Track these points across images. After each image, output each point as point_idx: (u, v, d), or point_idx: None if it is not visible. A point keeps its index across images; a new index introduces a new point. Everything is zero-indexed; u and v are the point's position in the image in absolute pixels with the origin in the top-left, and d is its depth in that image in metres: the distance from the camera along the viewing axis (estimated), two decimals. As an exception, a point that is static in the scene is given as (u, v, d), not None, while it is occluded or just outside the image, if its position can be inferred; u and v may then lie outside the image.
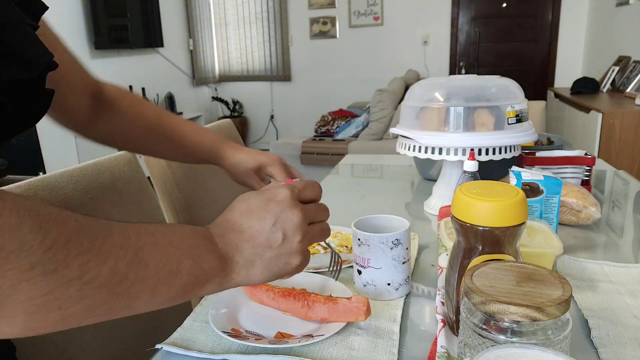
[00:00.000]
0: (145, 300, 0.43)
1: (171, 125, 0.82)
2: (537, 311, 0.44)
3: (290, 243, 0.51)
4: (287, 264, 0.51)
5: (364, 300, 0.66)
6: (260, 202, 0.51)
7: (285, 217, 0.51)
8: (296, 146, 3.34)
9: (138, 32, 4.64)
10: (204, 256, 0.47)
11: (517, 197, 0.56)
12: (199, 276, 0.46)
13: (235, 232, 0.50)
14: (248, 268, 0.50)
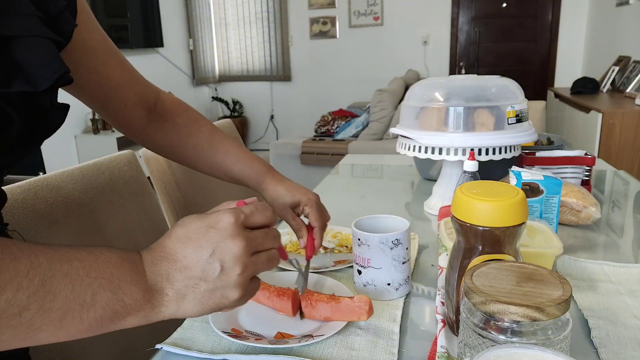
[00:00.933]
0: (50, 333, 0.40)
1: (221, 150, 0.85)
2: (537, 311, 0.44)
3: (227, 276, 0.47)
4: (224, 298, 0.48)
5: (367, 299, 0.66)
6: (200, 228, 0.48)
7: (224, 247, 0.47)
8: (296, 146, 3.34)
9: (138, 32, 4.64)
10: (126, 288, 0.44)
11: (517, 197, 0.56)
12: (117, 310, 0.43)
13: (169, 260, 0.47)
14: (179, 302, 0.47)
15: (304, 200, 0.83)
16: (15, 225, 0.77)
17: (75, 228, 0.89)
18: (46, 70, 0.48)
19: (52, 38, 0.50)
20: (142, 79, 0.79)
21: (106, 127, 4.17)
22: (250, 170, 0.86)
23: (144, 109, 0.79)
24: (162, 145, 0.83)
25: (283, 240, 0.99)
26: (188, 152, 0.84)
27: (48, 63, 0.48)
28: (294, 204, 0.84)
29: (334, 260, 0.91)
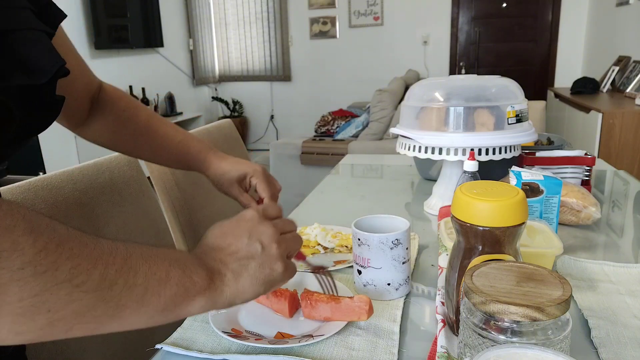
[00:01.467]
0: (133, 310, 0.42)
1: (160, 131, 0.84)
2: (537, 311, 0.44)
3: (269, 251, 0.53)
4: (273, 270, 0.53)
5: (367, 299, 0.66)
6: (232, 224, 0.54)
7: (258, 231, 0.53)
8: (296, 146, 3.34)
9: (138, 32, 4.64)
10: (192, 267, 0.48)
11: (517, 197, 0.56)
12: (189, 287, 0.46)
13: (216, 250, 0.52)
14: (237, 279, 0.51)
15: (249, 172, 0.83)
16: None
17: (75, 228, 0.88)
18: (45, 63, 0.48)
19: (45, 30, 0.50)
20: (89, 69, 0.78)
21: (106, 127, 4.17)
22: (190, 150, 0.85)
23: (89, 100, 0.78)
24: (102, 133, 0.82)
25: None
26: (127, 137, 0.83)
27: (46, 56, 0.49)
28: (240, 178, 0.83)
29: (334, 260, 0.91)
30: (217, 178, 0.84)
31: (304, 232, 1.00)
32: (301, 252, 0.70)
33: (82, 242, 0.40)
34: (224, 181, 0.83)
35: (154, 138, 0.83)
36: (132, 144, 0.84)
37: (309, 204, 1.27)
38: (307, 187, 1.64)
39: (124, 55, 4.56)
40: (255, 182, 0.83)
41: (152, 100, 4.83)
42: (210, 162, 0.84)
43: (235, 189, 0.83)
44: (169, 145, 0.84)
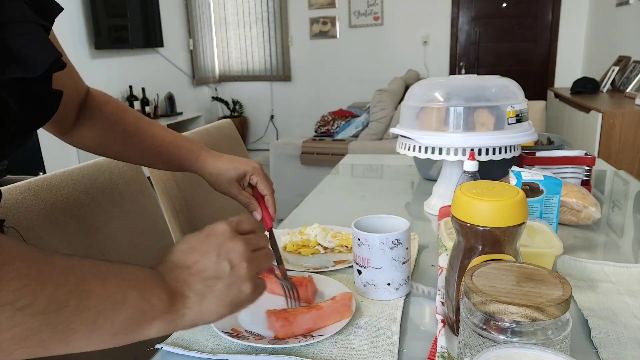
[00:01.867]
0: (84, 334, 0.40)
1: (149, 132, 0.81)
2: (537, 311, 0.44)
3: (238, 271, 0.50)
4: (240, 292, 0.50)
5: (349, 295, 0.67)
6: (200, 238, 0.51)
7: (227, 248, 0.50)
8: (296, 146, 3.34)
9: (138, 32, 4.64)
10: (152, 289, 0.45)
11: (517, 197, 0.56)
12: (146, 311, 0.44)
13: (182, 269, 0.49)
14: (200, 302, 0.48)
15: (249, 170, 0.81)
16: (15, 225, 0.77)
17: (75, 228, 0.89)
18: (40, 56, 0.47)
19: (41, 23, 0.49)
20: (78, 74, 0.77)
21: (106, 127, 4.17)
22: (181, 150, 0.82)
23: (78, 105, 0.77)
24: (91, 138, 0.79)
25: (283, 240, 0.99)
26: (116, 140, 0.80)
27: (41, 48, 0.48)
28: (239, 177, 0.81)
29: (334, 260, 0.91)
30: (214, 177, 0.82)
31: (304, 232, 1.00)
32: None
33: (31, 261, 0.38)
34: (222, 180, 0.81)
35: (143, 139, 0.81)
36: (121, 147, 0.81)
37: (309, 204, 1.27)
38: (307, 187, 1.64)
39: (124, 55, 4.56)
40: (256, 180, 0.81)
41: (152, 100, 4.83)
42: (204, 161, 0.82)
43: (234, 188, 0.81)
44: (159, 146, 0.82)
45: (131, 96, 4.55)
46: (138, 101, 4.60)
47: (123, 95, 4.56)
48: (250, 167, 0.81)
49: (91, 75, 4.18)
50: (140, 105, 4.62)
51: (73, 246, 0.87)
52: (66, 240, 0.86)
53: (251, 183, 0.82)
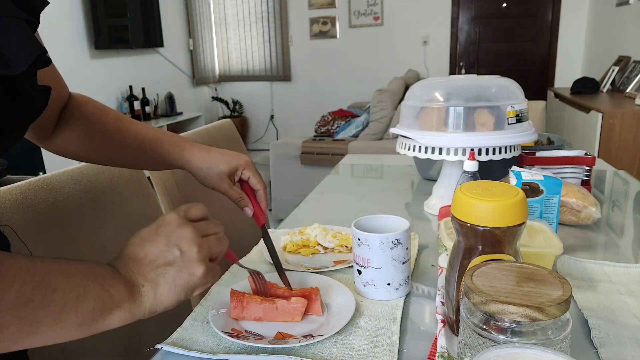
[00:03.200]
0: (50, 326, 0.43)
1: (130, 131, 0.79)
2: (537, 311, 0.44)
3: (188, 256, 0.52)
4: (192, 275, 0.52)
5: (303, 301, 0.68)
6: (150, 230, 0.54)
7: (176, 235, 0.53)
8: (296, 146, 3.34)
9: (138, 32, 4.63)
10: (110, 281, 0.48)
11: (517, 197, 0.56)
12: (107, 301, 0.47)
13: (134, 261, 0.52)
14: (155, 289, 0.51)
15: (242, 164, 0.79)
16: (15, 225, 0.77)
17: (75, 228, 0.89)
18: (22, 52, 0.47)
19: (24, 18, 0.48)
20: (62, 79, 0.75)
21: (106, 127, 4.17)
22: (164, 145, 0.79)
23: (59, 110, 0.75)
24: (70, 140, 0.76)
25: (282, 240, 0.99)
26: (96, 141, 0.78)
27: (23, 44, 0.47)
28: (231, 171, 0.78)
29: (334, 260, 0.91)
30: (204, 171, 0.78)
31: (304, 232, 1.00)
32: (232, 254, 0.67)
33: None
34: (212, 174, 0.78)
35: (124, 137, 0.78)
36: (102, 148, 0.79)
37: (309, 204, 1.27)
38: (307, 187, 1.64)
39: (124, 55, 4.56)
40: (249, 175, 0.79)
41: (152, 100, 4.83)
42: (190, 154, 0.78)
43: (225, 183, 0.78)
44: (140, 143, 0.79)
45: (131, 96, 4.55)
46: (138, 101, 4.60)
47: (123, 95, 4.56)
48: (243, 161, 0.79)
49: (91, 75, 4.19)
50: (140, 105, 4.62)
51: (73, 246, 0.87)
52: (66, 240, 0.86)
53: (242, 178, 0.80)
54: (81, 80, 4.07)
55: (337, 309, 0.71)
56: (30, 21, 0.50)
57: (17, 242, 0.75)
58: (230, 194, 0.78)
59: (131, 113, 4.49)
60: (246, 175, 0.79)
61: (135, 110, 4.54)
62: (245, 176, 0.80)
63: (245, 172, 0.79)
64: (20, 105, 0.51)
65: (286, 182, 3.40)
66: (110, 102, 4.43)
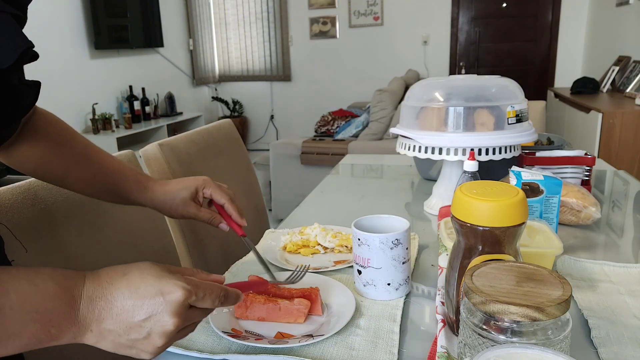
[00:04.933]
0: None
1: (96, 160, 0.78)
2: (537, 311, 0.44)
3: (149, 343, 0.49)
4: (137, 355, 0.50)
5: (306, 303, 0.68)
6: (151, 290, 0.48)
7: (160, 319, 0.48)
8: (296, 146, 3.34)
9: (138, 32, 4.63)
10: (56, 321, 0.46)
11: (517, 197, 0.56)
12: (42, 339, 0.45)
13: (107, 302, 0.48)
14: (98, 340, 0.48)
15: (200, 184, 0.79)
16: (15, 225, 0.77)
17: (75, 228, 0.89)
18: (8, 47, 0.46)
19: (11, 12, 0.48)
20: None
21: (106, 127, 4.18)
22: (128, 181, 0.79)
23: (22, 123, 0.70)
24: (30, 156, 0.72)
25: (282, 240, 0.99)
26: (59, 164, 0.75)
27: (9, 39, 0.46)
28: (192, 195, 0.79)
29: (334, 260, 0.91)
30: (168, 203, 0.79)
31: (304, 232, 1.00)
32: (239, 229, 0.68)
33: None
34: (177, 203, 0.78)
35: (89, 166, 0.77)
36: (63, 172, 0.76)
37: (309, 204, 1.27)
38: (307, 187, 1.64)
39: (124, 55, 4.56)
40: (210, 191, 0.79)
41: (152, 100, 4.83)
42: (153, 191, 0.79)
43: (192, 207, 0.79)
44: (104, 175, 0.78)
45: (131, 96, 4.55)
46: (138, 101, 4.60)
47: (123, 95, 4.56)
48: (200, 181, 0.80)
49: (91, 75, 4.19)
50: (140, 105, 4.62)
51: (73, 246, 0.87)
52: (66, 241, 0.86)
53: (205, 196, 0.81)
54: (81, 80, 4.07)
55: (337, 309, 0.71)
56: (17, 15, 0.49)
57: (13, 241, 0.75)
58: (201, 217, 0.79)
59: (131, 113, 4.49)
60: (207, 192, 0.80)
61: (135, 110, 4.54)
62: (207, 194, 0.80)
63: (205, 191, 0.80)
64: (7, 101, 0.50)
65: (286, 182, 3.40)
66: (110, 102, 4.43)
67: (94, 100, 4.15)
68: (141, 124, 4.56)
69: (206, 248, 1.22)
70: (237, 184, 1.42)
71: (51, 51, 3.68)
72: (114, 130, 4.20)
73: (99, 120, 4.13)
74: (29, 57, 0.49)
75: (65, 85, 3.88)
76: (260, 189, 1.57)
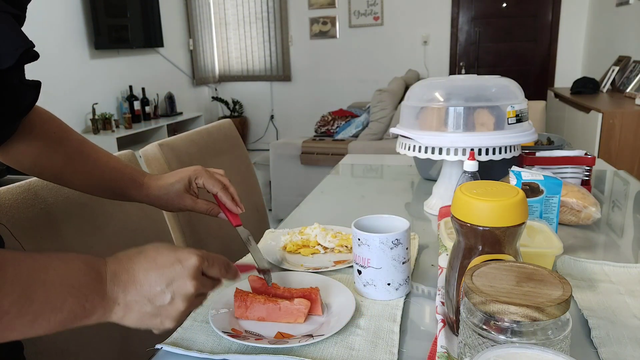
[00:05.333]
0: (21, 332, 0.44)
1: (92, 156, 0.78)
2: (537, 311, 0.44)
3: (173, 308, 0.53)
4: (161, 324, 0.53)
5: (306, 303, 0.68)
6: (168, 259, 0.53)
7: (181, 284, 0.53)
8: (296, 146, 3.34)
9: (138, 32, 4.63)
10: (89, 295, 0.49)
11: (517, 197, 0.56)
12: (78, 313, 0.48)
13: (130, 275, 0.52)
14: (125, 312, 0.51)
15: (192, 174, 0.79)
16: (15, 225, 0.77)
17: (75, 228, 0.89)
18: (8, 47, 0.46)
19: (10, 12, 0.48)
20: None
21: (106, 127, 4.18)
22: (124, 177, 0.79)
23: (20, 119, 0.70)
24: (28, 153, 0.73)
25: (282, 240, 0.99)
26: (56, 160, 0.75)
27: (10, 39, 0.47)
28: (186, 186, 0.79)
29: (334, 260, 0.91)
30: (164, 198, 0.79)
31: (304, 232, 1.00)
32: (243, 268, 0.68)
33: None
34: (172, 196, 0.79)
35: (85, 162, 0.77)
36: (60, 168, 0.76)
37: (309, 204, 1.27)
38: (307, 187, 1.64)
39: (124, 55, 4.56)
40: (202, 181, 0.79)
41: (152, 100, 4.83)
42: (148, 187, 0.79)
43: (187, 199, 0.79)
44: (101, 171, 0.78)
45: (131, 96, 4.55)
46: (138, 101, 4.60)
47: (123, 95, 4.56)
48: (192, 171, 0.80)
49: (91, 75, 4.19)
50: (140, 105, 4.62)
51: (73, 246, 0.87)
52: (66, 240, 0.86)
53: (199, 186, 0.80)
54: (81, 80, 4.07)
55: (337, 309, 0.71)
56: (17, 15, 0.49)
57: (13, 241, 0.75)
58: (198, 208, 0.80)
59: (131, 113, 4.49)
60: (200, 182, 0.80)
61: (135, 110, 4.55)
62: (199, 184, 0.80)
63: (198, 181, 0.80)
64: (8, 100, 0.50)
65: (286, 182, 3.40)
66: (110, 102, 4.43)
67: (94, 100, 4.16)
68: (141, 124, 4.56)
69: (206, 248, 1.21)
70: (237, 184, 1.42)
71: (51, 51, 3.68)
72: (114, 130, 4.20)
73: (99, 120, 4.13)
74: (30, 57, 0.50)
75: (65, 85, 3.88)
76: (260, 189, 1.57)
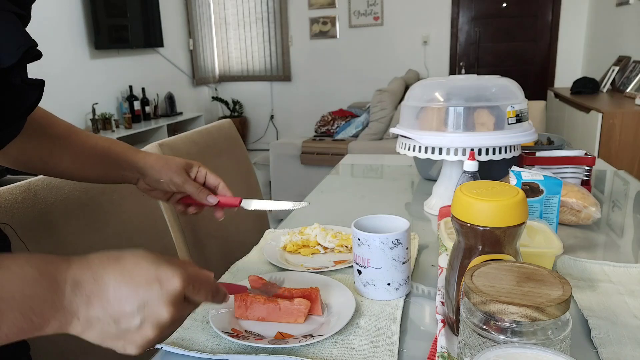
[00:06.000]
0: None
1: (81, 137, 0.76)
2: (537, 311, 0.44)
3: (139, 334, 0.45)
4: (122, 348, 0.46)
5: (306, 303, 0.68)
6: (147, 276, 0.45)
7: (155, 310, 0.45)
8: (296, 146, 3.34)
9: (138, 32, 4.63)
10: (38, 308, 0.42)
11: (517, 197, 0.56)
12: (24, 327, 0.42)
13: (97, 287, 0.44)
14: (84, 329, 0.44)
15: (195, 163, 0.79)
16: (15, 225, 0.77)
17: (75, 228, 0.89)
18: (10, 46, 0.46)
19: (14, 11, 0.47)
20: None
21: (106, 127, 4.18)
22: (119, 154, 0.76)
23: None
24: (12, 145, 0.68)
25: (282, 240, 0.99)
26: (44, 145, 0.72)
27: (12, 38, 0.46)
28: (188, 165, 0.78)
29: (334, 260, 0.91)
30: (159, 167, 0.76)
31: (304, 232, 1.00)
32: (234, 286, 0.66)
33: None
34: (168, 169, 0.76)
35: (74, 145, 0.74)
36: (49, 152, 0.73)
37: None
38: (307, 187, 1.64)
39: (124, 55, 4.56)
40: (205, 172, 0.79)
41: (152, 100, 4.83)
42: (146, 159, 0.77)
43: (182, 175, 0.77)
44: (91, 149, 0.75)
45: (131, 96, 4.55)
46: (138, 101, 4.60)
47: (123, 95, 4.56)
48: (196, 162, 0.80)
49: (91, 75, 4.19)
50: (140, 105, 4.62)
51: (73, 246, 0.87)
52: (66, 241, 0.86)
53: (199, 176, 0.80)
54: (81, 80, 4.07)
55: (337, 309, 0.71)
56: (21, 14, 0.49)
57: (17, 241, 0.75)
58: (186, 187, 0.77)
59: (131, 113, 4.49)
60: (202, 172, 0.79)
61: (135, 110, 4.55)
62: (201, 174, 0.79)
63: (201, 170, 0.79)
64: (11, 100, 0.50)
65: (286, 182, 3.40)
66: (110, 102, 4.43)
67: (94, 100, 4.16)
68: (141, 124, 4.56)
69: (206, 248, 1.22)
70: (237, 184, 1.42)
71: (51, 51, 3.68)
72: (114, 130, 4.20)
73: (99, 120, 4.13)
74: (32, 56, 0.49)
75: (65, 85, 3.88)
76: (260, 189, 1.57)
